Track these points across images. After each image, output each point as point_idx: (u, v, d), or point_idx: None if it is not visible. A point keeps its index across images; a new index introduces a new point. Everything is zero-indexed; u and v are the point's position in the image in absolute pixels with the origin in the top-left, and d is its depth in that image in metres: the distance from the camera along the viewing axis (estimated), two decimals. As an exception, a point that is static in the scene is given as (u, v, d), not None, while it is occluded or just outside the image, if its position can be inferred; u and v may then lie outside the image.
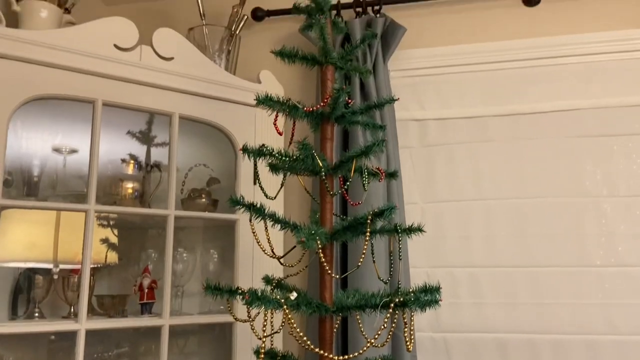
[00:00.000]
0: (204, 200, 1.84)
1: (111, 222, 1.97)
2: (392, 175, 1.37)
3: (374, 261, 1.32)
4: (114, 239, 1.96)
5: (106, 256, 1.94)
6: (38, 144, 1.72)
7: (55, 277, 1.65)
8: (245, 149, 1.21)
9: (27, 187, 1.65)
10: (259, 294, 1.05)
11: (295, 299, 1.10)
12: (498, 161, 1.84)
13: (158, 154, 1.95)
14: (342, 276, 1.59)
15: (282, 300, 1.07)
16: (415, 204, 1.88)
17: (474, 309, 1.78)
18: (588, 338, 1.69)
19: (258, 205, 1.24)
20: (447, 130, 1.90)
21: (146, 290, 1.68)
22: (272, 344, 1.32)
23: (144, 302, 1.67)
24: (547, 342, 1.71)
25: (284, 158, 1.20)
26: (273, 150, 1.20)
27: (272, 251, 1.25)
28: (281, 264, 1.31)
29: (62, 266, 1.69)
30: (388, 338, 1.22)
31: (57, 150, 1.79)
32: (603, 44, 1.80)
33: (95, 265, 1.88)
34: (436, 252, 1.84)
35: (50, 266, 1.67)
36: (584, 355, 1.68)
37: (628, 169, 1.77)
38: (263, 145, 1.21)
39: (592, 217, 1.77)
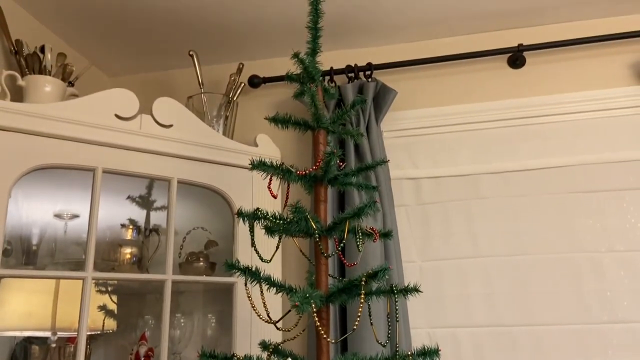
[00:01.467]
0: (201, 263, 1.84)
1: (109, 289, 1.97)
2: (387, 235, 1.38)
3: (371, 323, 1.31)
4: (112, 306, 1.95)
5: (104, 323, 1.93)
6: (38, 213, 1.75)
7: (53, 345, 1.63)
8: (240, 213, 1.23)
9: (26, 255, 1.66)
10: (254, 360, 1.04)
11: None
12: (492, 218, 1.86)
13: (157, 218, 1.97)
14: (339, 340, 1.57)
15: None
16: (414, 262, 1.88)
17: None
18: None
19: (253, 269, 1.24)
20: (440, 188, 1.93)
21: (142, 359, 1.65)
22: None
23: (140, 368, 1.64)
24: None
25: (278, 221, 1.22)
26: (267, 214, 1.23)
27: (268, 316, 1.24)
28: (277, 328, 1.29)
29: (60, 334, 1.67)
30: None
31: (58, 216, 1.81)
32: (585, 103, 1.86)
33: (93, 333, 1.86)
34: (436, 312, 1.82)
35: (47, 334, 1.65)
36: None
37: (622, 224, 1.78)
38: (258, 209, 1.23)
39: (591, 273, 1.76)
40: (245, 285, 1.24)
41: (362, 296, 1.13)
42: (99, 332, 1.89)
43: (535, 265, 1.79)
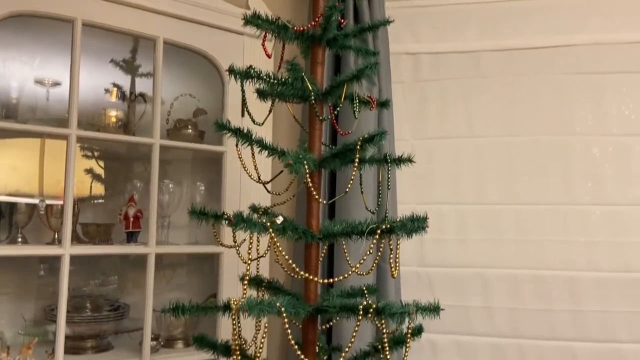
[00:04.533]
0: (190, 131, 1.80)
1: (96, 154, 1.93)
2: (384, 104, 1.34)
3: (362, 192, 1.31)
4: (99, 170, 1.93)
5: (91, 187, 1.92)
6: (16, 65, 1.65)
7: (42, 212, 1.62)
8: (232, 70, 1.16)
9: (6, 109, 1.59)
10: (245, 216, 1.03)
11: (282, 223, 1.08)
12: (490, 98, 1.82)
13: (143, 85, 1.88)
14: (330, 201, 1.58)
15: (268, 224, 1.06)
16: (406, 140, 1.86)
17: (459, 245, 1.79)
18: (570, 274, 1.72)
19: (245, 131, 1.20)
20: (440, 65, 1.85)
21: (131, 219, 1.66)
22: (257, 271, 1.32)
23: (129, 231, 1.66)
24: (529, 277, 1.74)
25: (272, 81, 1.15)
26: (261, 72, 1.16)
27: (259, 177, 1.22)
28: (267, 190, 1.29)
29: (48, 201, 1.65)
30: (373, 267, 1.22)
31: (39, 82, 1.72)
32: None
33: (81, 197, 1.85)
34: (424, 189, 1.84)
35: (35, 201, 1.64)
36: (565, 291, 1.71)
37: (619, 109, 1.75)
38: (250, 66, 1.16)
39: (581, 156, 1.76)
40: (237, 146, 1.20)
41: (357, 161, 1.11)
42: (86, 197, 1.89)
43: (528, 147, 1.78)
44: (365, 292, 1.25)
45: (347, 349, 1.07)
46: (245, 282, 1.12)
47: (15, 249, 1.53)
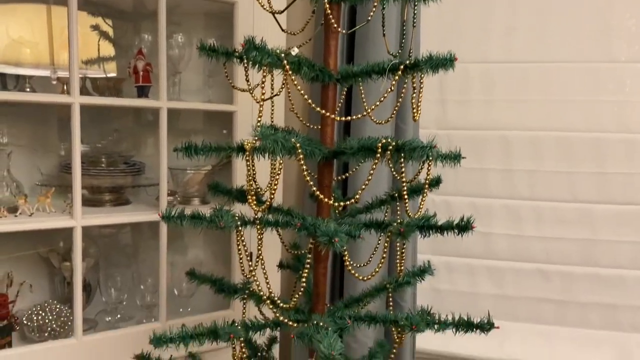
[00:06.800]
0: (198, -20, 1.67)
1: (102, 9, 1.83)
2: None
3: (384, 34, 1.21)
4: (106, 28, 1.83)
5: (99, 45, 1.83)
6: None
7: (54, 82, 1.56)
8: None
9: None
10: (257, 44, 0.95)
11: (297, 55, 1.01)
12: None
13: None
14: (350, 31, 1.47)
15: (283, 55, 0.98)
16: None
17: (483, 106, 1.72)
18: (596, 136, 1.65)
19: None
20: None
21: (141, 73, 1.59)
22: (272, 120, 1.27)
23: (139, 85, 1.60)
24: (553, 138, 1.68)
25: None
26: None
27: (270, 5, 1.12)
28: (282, 29, 1.20)
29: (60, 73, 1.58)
30: (393, 114, 1.16)
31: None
32: None
33: (90, 59, 1.78)
34: (449, 45, 1.72)
35: (47, 73, 1.57)
36: (590, 153, 1.66)
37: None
38: None
39: (619, 11, 1.61)
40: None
41: (379, -13, 1.00)
42: (95, 58, 1.82)
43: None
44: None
45: (361, 190, 1.04)
46: (258, 123, 1.07)
47: (24, 95, 1.50)
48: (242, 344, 1.08)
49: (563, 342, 1.72)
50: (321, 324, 1.01)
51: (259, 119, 1.04)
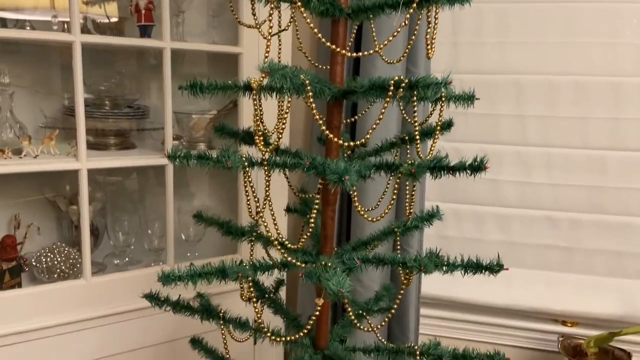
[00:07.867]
0: None
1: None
2: None
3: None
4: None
5: None
6: None
7: (55, 27, 1.50)
8: None
9: None
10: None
11: (306, -14, 0.96)
12: None
13: None
14: None
15: (291, -14, 0.93)
16: None
17: (497, 49, 1.66)
18: (614, 80, 1.60)
19: None
20: None
21: (143, 12, 1.54)
22: (279, 59, 1.22)
23: (142, 25, 1.55)
24: (568, 83, 1.63)
25: None
26: None
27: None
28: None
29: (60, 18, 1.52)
30: (405, 52, 1.12)
31: None
32: None
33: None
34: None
35: (48, 18, 1.51)
36: (606, 98, 1.61)
37: None
38: None
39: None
40: None
41: None
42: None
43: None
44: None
45: (371, 129, 1.01)
46: (266, 57, 1.03)
47: (23, 33, 1.46)
48: (250, 284, 1.09)
49: (568, 288, 1.73)
50: (329, 264, 1.01)
51: (266, 58, 1.00)
